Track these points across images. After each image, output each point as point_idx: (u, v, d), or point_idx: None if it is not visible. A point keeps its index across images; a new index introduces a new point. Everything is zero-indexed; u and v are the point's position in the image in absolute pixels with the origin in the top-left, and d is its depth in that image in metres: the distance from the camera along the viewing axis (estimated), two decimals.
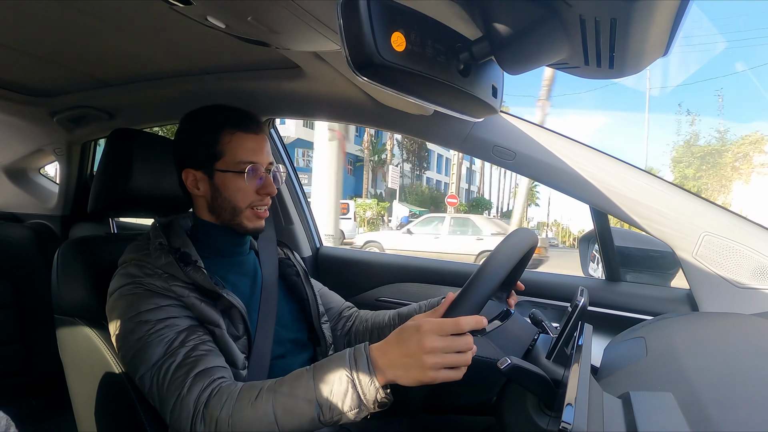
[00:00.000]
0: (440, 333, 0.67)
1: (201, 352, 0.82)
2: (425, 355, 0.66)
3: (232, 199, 0.96)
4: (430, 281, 1.57)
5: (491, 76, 0.74)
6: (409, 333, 0.69)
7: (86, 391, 0.99)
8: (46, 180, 2.22)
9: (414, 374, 0.67)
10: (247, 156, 0.95)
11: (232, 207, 0.96)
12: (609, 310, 1.26)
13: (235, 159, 0.94)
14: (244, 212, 0.97)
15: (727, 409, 0.52)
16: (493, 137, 1.21)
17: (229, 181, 0.95)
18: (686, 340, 0.76)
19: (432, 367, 0.66)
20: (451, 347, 0.67)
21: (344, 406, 0.69)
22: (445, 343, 0.67)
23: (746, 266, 1.03)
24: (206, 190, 0.97)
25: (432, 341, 0.66)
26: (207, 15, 0.83)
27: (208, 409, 0.75)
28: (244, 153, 0.95)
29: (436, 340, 0.66)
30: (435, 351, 0.66)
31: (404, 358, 0.68)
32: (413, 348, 0.67)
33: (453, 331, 0.67)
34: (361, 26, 0.52)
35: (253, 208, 0.97)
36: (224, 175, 0.95)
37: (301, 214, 1.77)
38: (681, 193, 1.12)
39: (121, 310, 0.86)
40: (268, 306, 0.99)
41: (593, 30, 0.57)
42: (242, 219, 0.97)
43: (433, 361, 0.66)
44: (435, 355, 0.66)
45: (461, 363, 0.67)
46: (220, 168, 0.95)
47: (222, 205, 0.96)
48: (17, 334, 1.70)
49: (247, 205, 0.97)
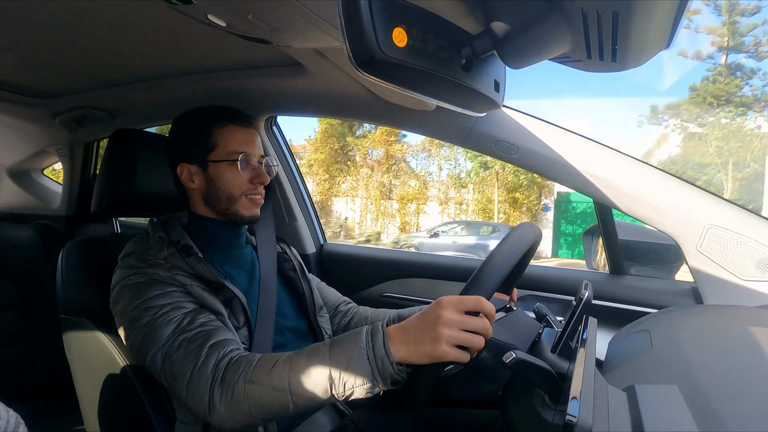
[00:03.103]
0: (459, 308, 0.67)
1: (211, 326, 0.84)
2: (440, 326, 0.66)
3: (226, 188, 0.98)
4: (434, 277, 1.57)
5: (493, 71, 0.73)
6: (429, 308, 0.69)
7: (92, 390, 1.00)
8: (49, 180, 2.22)
9: (425, 347, 0.67)
10: (239, 146, 0.99)
11: (227, 196, 0.99)
12: (613, 303, 1.26)
13: (228, 149, 0.98)
14: (240, 200, 1.00)
15: (732, 402, 0.52)
16: (496, 132, 1.21)
17: (223, 171, 0.98)
18: (691, 333, 0.76)
19: (446, 339, 0.65)
20: (467, 323, 0.67)
21: (357, 380, 0.69)
22: (462, 318, 0.67)
23: (751, 259, 1.03)
24: (201, 182, 1.00)
25: (449, 314, 0.66)
26: (207, 13, 0.83)
27: (226, 376, 0.76)
28: (236, 143, 0.99)
29: (454, 314, 0.66)
30: (451, 323, 0.66)
31: (420, 331, 0.68)
32: (430, 320, 0.67)
33: (473, 308, 0.67)
34: (363, 22, 0.52)
35: (248, 196, 1.00)
36: (218, 166, 0.98)
37: (305, 210, 1.77)
38: (685, 186, 1.11)
39: (126, 300, 0.87)
40: (268, 298, 1.01)
41: (595, 23, 0.56)
42: (238, 207, 1.00)
43: (447, 333, 0.65)
44: (450, 328, 0.66)
45: (474, 343, 0.67)
46: (213, 159, 0.98)
47: (217, 196, 0.99)
48: (23, 335, 1.71)
49: (241, 192, 0.99)
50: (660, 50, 0.63)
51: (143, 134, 1.17)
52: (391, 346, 0.69)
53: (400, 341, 0.70)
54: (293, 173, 1.74)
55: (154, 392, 0.92)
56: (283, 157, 1.70)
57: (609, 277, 1.34)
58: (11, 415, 0.55)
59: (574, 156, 1.16)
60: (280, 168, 1.66)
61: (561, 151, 1.17)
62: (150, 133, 1.22)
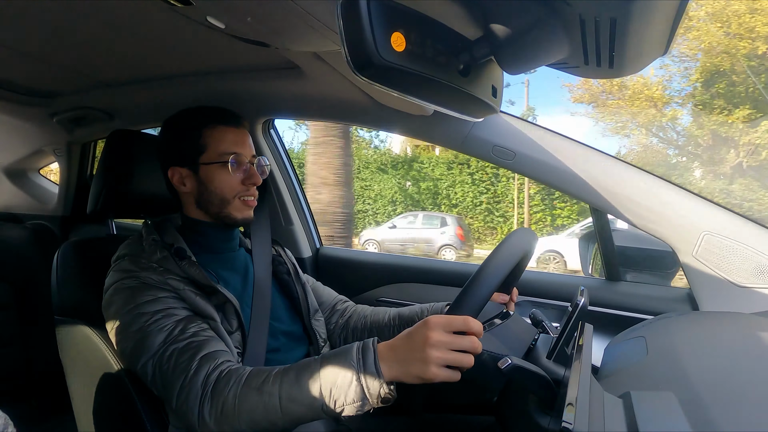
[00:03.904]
0: (447, 329, 0.67)
1: (203, 337, 0.83)
2: (429, 348, 0.66)
3: (218, 191, 0.97)
4: (430, 281, 1.57)
5: (491, 76, 0.74)
6: (416, 328, 0.69)
7: (86, 392, 0.99)
8: (46, 181, 2.22)
9: (416, 369, 0.67)
10: (230, 147, 0.97)
11: (219, 199, 0.97)
12: (609, 309, 1.26)
13: (218, 150, 0.96)
14: (233, 203, 0.98)
15: (728, 409, 0.52)
16: (492, 137, 1.21)
17: (214, 174, 0.97)
18: (687, 339, 0.76)
19: (435, 361, 0.66)
20: (456, 344, 0.67)
21: (347, 398, 0.69)
22: (450, 339, 0.67)
23: (746, 266, 1.03)
24: (192, 185, 0.98)
25: (438, 335, 0.66)
26: (207, 15, 0.83)
27: (216, 390, 0.75)
28: (226, 144, 0.97)
29: (442, 335, 0.66)
30: (439, 345, 0.66)
31: (409, 352, 0.68)
32: (419, 341, 0.67)
33: (460, 328, 0.67)
34: (361, 26, 0.52)
35: (241, 198, 0.99)
36: (209, 168, 0.97)
37: (301, 214, 1.77)
38: (681, 192, 1.12)
39: (118, 304, 0.86)
40: (262, 301, 1.00)
41: (593, 29, 0.57)
42: (231, 210, 0.99)
43: (436, 356, 0.66)
44: (439, 349, 0.66)
45: (463, 363, 0.67)
46: (204, 161, 0.97)
47: (209, 199, 0.98)
48: (17, 336, 1.70)
49: (234, 195, 0.98)
50: (657, 56, 0.64)
51: (141, 135, 1.17)
52: (382, 364, 0.69)
53: (391, 360, 0.69)
54: (290, 176, 1.73)
55: (147, 395, 0.91)
56: (280, 160, 1.69)
57: (605, 284, 1.34)
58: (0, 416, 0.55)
59: (571, 162, 1.16)
60: (276, 171, 1.66)
61: (557, 157, 1.17)
62: (147, 135, 1.21)
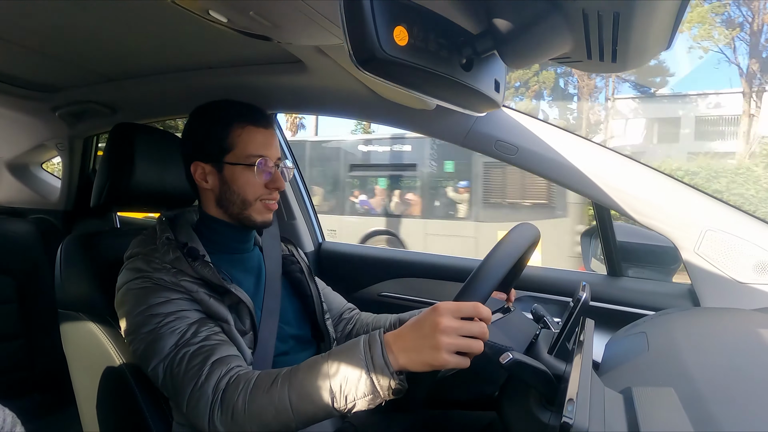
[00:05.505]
0: (456, 314, 0.67)
1: (215, 341, 0.83)
2: (439, 334, 0.65)
3: (241, 192, 0.95)
4: (432, 276, 1.57)
5: (494, 71, 0.73)
6: (425, 315, 0.69)
7: (89, 386, 1.00)
8: (48, 175, 2.22)
9: (425, 356, 0.67)
10: (257, 149, 0.95)
11: (241, 200, 0.96)
12: (611, 305, 1.26)
13: (245, 152, 0.95)
14: (254, 205, 0.97)
15: (729, 405, 0.52)
16: (495, 132, 1.21)
17: (238, 175, 0.95)
18: (688, 335, 0.76)
19: (445, 347, 0.65)
20: (466, 329, 0.66)
21: (358, 393, 0.69)
22: (460, 324, 0.66)
23: (748, 262, 1.03)
24: (215, 183, 0.97)
25: (447, 320, 0.66)
26: (209, 9, 0.83)
27: (226, 396, 0.75)
28: (254, 146, 0.95)
29: (452, 321, 0.66)
30: (449, 331, 0.66)
31: (418, 339, 0.68)
32: (428, 328, 0.67)
33: (470, 314, 0.67)
34: (364, 20, 0.51)
35: (263, 201, 0.97)
36: (234, 168, 0.95)
37: (304, 209, 1.77)
38: (683, 188, 1.11)
39: (130, 304, 0.86)
40: (272, 302, 0.99)
41: (596, 24, 0.56)
42: (251, 212, 0.97)
43: (446, 341, 0.65)
44: (449, 335, 0.65)
45: (473, 348, 0.67)
46: (229, 161, 0.95)
47: (231, 199, 0.96)
48: (20, 330, 1.71)
49: (256, 198, 0.96)
50: (661, 51, 0.63)
51: (143, 129, 1.17)
52: (390, 354, 0.69)
53: (398, 349, 0.69)
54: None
55: (150, 389, 0.92)
56: (282, 154, 1.69)
57: (607, 279, 1.34)
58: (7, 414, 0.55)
59: (573, 157, 1.16)
60: None
61: (560, 152, 1.17)
62: (150, 128, 1.21)
